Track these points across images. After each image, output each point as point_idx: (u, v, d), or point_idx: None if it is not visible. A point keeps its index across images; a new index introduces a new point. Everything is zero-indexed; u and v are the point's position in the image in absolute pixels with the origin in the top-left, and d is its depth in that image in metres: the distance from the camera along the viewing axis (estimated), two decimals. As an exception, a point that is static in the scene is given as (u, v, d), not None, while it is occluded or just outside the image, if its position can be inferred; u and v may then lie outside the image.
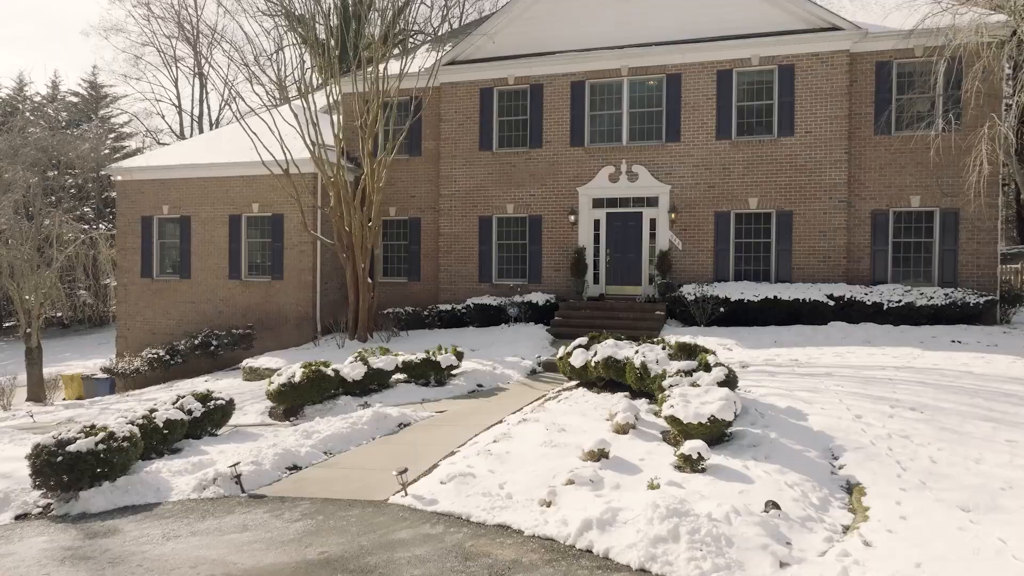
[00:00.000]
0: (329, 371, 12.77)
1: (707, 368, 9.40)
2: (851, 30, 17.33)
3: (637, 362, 10.21)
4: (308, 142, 18.08)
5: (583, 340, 12.06)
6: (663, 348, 10.65)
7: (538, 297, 19.09)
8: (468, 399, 12.48)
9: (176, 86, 51.90)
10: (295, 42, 17.40)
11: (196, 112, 50.30)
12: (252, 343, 20.24)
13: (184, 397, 10.64)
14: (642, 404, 9.65)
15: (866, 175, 17.78)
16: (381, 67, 18.50)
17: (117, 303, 22.74)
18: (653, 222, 19.18)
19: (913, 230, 17.57)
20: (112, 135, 49.07)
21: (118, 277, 22.69)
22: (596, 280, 19.64)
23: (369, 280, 18.67)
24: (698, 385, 8.84)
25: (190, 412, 10.34)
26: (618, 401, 9.86)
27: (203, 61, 47.20)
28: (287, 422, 12.39)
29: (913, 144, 17.38)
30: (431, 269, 21.32)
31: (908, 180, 17.48)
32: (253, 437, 10.52)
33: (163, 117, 55.28)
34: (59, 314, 32.79)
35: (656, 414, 9.24)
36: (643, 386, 10.13)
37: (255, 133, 18.57)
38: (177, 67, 50.21)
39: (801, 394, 10.19)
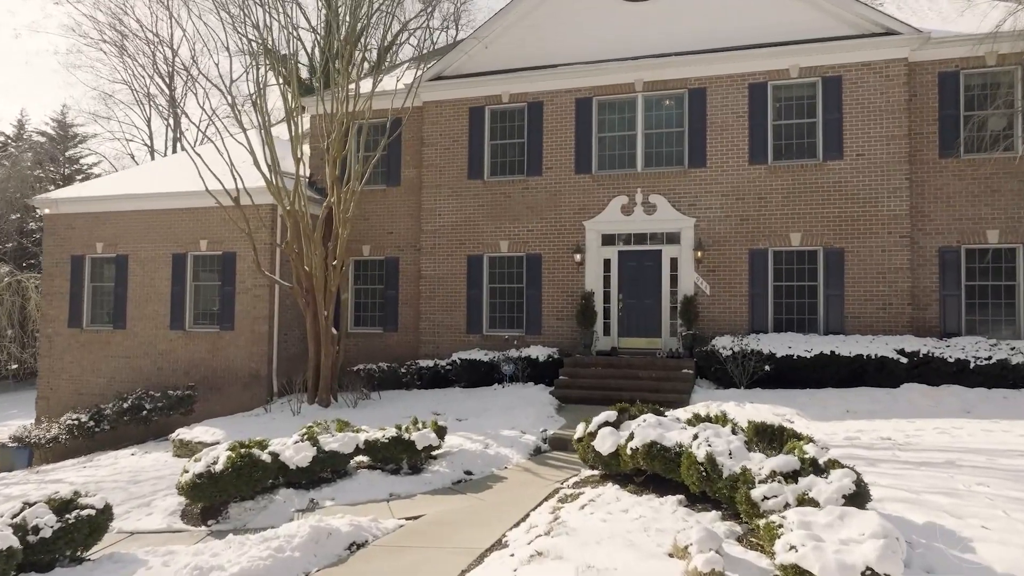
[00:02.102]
0: (264, 455, 9.42)
1: (816, 468, 6.17)
2: (910, 34, 14.61)
3: (700, 454, 6.96)
4: (263, 165, 15.00)
5: (610, 414, 8.79)
6: (733, 431, 7.41)
7: (538, 351, 15.87)
8: (452, 495, 9.14)
9: (149, 125, 49.09)
10: (256, 52, 14.36)
11: (170, 152, 47.41)
12: (193, 407, 16.79)
13: (34, 506, 7.21)
14: (717, 524, 6.38)
15: (931, 206, 14.86)
16: (352, 86, 15.58)
17: (40, 357, 19.27)
18: (674, 262, 16.12)
19: (991, 271, 14.57)
20: (80, 177, 46.01)
21: (42, 327, 19.28)
22: (607, 331, 16.46)
23: (334, 331, 15.40)
24: (815, 503, 5.61)
25: (36, 531, 6.94)
26: (679, 517, 6.59)
27: (178, 96, 44.44)
28: (204, 527, 8.99)
29: (988, 169, 14.53)
30: (411, 318, 18.09)
31: (983, 212, 14.56)
32: (136, 565, 7.12)
33: (133, 157, 52.38)
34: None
35: (742, 540, 6.00)
36: (710, 489, 6.87)
37: (199, 155, 15.51)
38: (151, 105, 47.47)
39: (937, 499, 6.96)
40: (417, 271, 18.03)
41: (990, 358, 12.92)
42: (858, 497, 5.71)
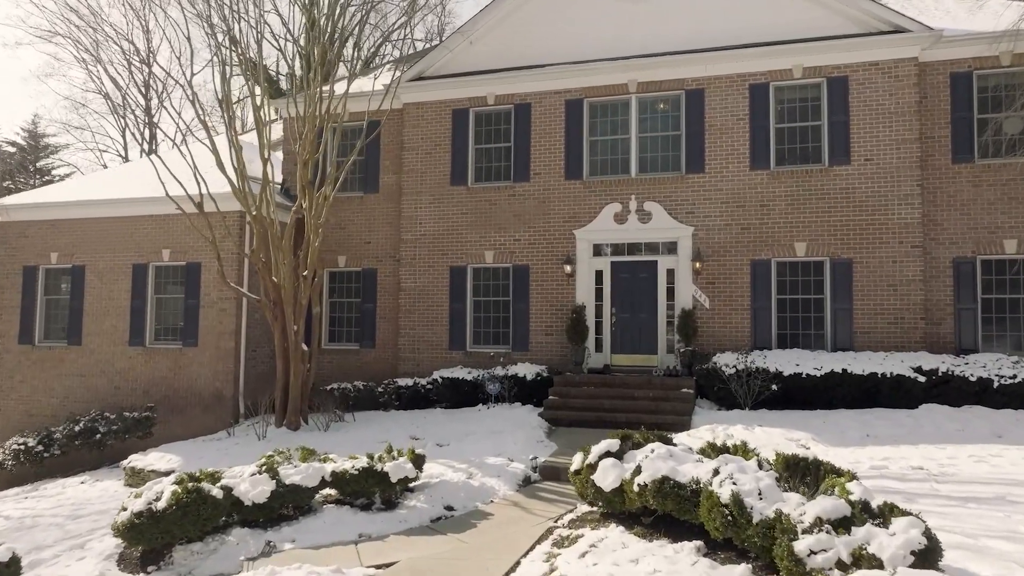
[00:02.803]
0: (216, 490, 8.22)
1: (869, 513, 5.11)
2: (921, 32, 13.76)
3: (724, 494, 5.86)
4: (228, 168, 13.83)
5: (612, 443, 7.68)
6: (759, 465, 6.33)
7: (525, 369, 14.75)
8: (431, 536, 7.97)
9: (124, 136, 47.65)
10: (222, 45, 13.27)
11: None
12: (152, 430, 15.47)
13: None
14: (750, 581, 5.29)
15: (944, 214, 13.97)
16: (326, 87, 14.50)
17: (-12, 376, 17.87)
18: (671, 274, 15.10)
19: (1009, 283, 13.67)
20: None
21: (-9, 343, 17.90)
22: (599, 347, 15.37)
23: (305, 347, 14.19)
24: (877, 561, 4.54)
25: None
26: (701, 571, 5.50)
27: (154, 108, 43.13)
28: (143, 575, 7.77)
29: (1005, 175, 13.67)
30: (389, 333, 16.92)
31: (999, 220, 13.68)
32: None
33: (106, 168, 50.76)
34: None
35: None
36: (737, 536, 5.77)
37: (160, 158, 14.33)
38: (125, 115, 46.10)
39: (1000, 546, 5.93)
40: (396, 283, 16.89)
41: (1015, 377, 11.95)
42: (929, 554, 4.65)
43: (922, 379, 12.23)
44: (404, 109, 16.99)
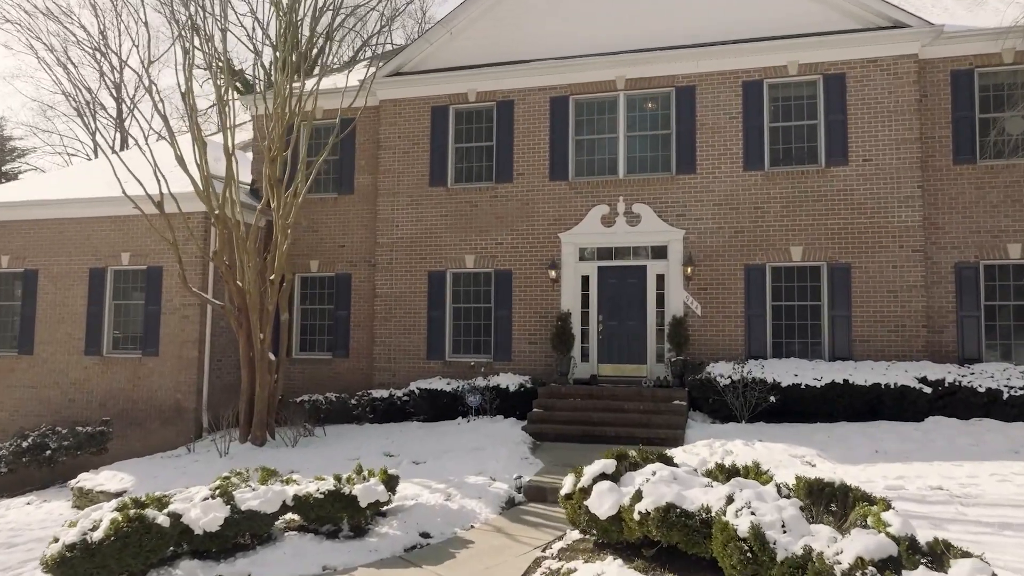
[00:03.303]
0: (162, 517, 7.28)
1: (915, 549, 4.34)
2: (921, 27, 13.20)
3: (742, 526, 5.07)
4: (194, 164, 12.91)
5: (607, 464, 6.86)
6: (779, 491, 5.56)
7: (508, 380, 13.93)
8: (404, 568, 7.10)
9: (94, 139, 46.28)
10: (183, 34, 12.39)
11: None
12: (107, 445, 14.43)
13: None
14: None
15: (945, 217, 13.38)
16: (296, 84, 13.65)
17: (-68, 388, 16.69)
18: (661, 279, 14.37)
19: (1013, 289, 13.09)
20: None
21: (-65, 352, 16.73)
22: (585, 356, 14.59)
23: (272, 356, 13.27)
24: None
25: None
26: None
27: (124, 110, 41.88)
28: (75, 617, 6.82)
29: (1009, 176, 13.12)
30: (364, 342, 16.02)
31: (1003, 223, 13.11)
32: None
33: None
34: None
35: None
36: (756, 575, 4.97)
37: (117, 154, 13.36)
38: (96, 118, 44.78)
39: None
40: (371, 289, 16.00)
41: (1025, 387, 11.33)
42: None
43: (928, 390, 11.57)
44: (381, 106, 16.16)
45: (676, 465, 6.84)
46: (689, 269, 14.00)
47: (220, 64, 12.59)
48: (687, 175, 14.32)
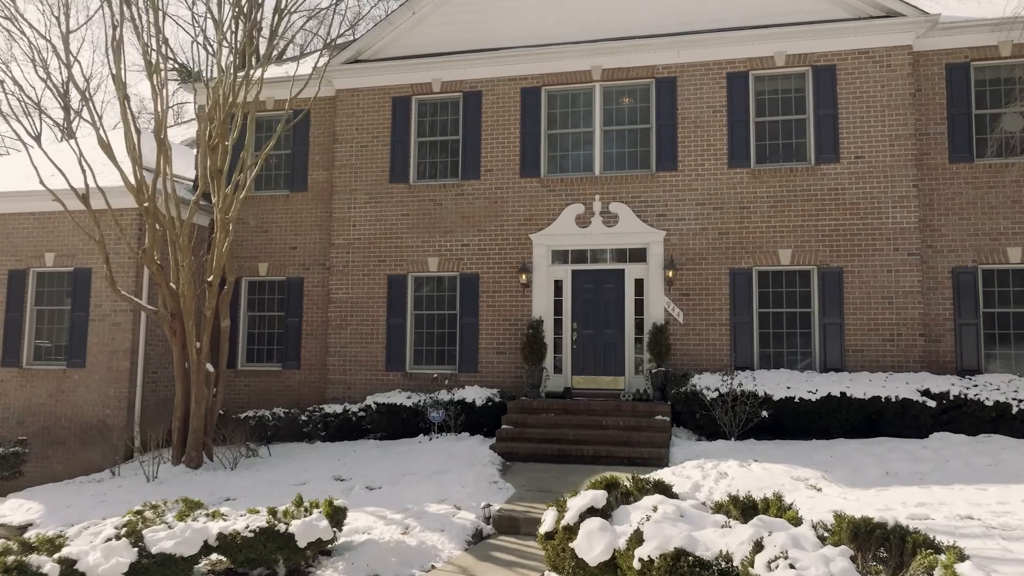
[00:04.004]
0: (50, 565, 5.97)
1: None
2: (915, 17, 12.42)
3: (779, 583, 3.94)
4: (127, 156, 11.50)
5: (596, 496, 5.68)
6: (815, 532, 4.45)
7: (475, 394, 12.72)
8: (349, 625, 5.84)
9: (39, 141, 43.97)
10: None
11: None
12: (21, 467, 12.80)
13: None
14: None
15: (941, 219, 12.56)
16: (243, 73, 12.35)
17: None
18: (640, 284, 13.32)
19: (1012, 296, 12.30)
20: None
21: None
22: (559, 368, 13.46)
23: (210, 368, 11.88)
24: None
25: None
26: None
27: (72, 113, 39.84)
28: None
29: (1007, 176, 12.36)
30: (317, 352, 14.67)
31: (1002, 225, 12.33)
32: None
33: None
34: None
35: None
36: (799, 648, 3.84)
37: (37, 143, 11.89)
38: (42, 118, 42.58)
39: None
40: (326, 294, 14.67)
41: (1035, 400, 10.48)
42: None
43: (932, 404, 10.65)
44: (337, 96, 14.91)
45: (676, 495, 5.73)
46: (670, 273, 12.97)
47: (153, 34, 11.21)
48: (668, 172, 13.31)
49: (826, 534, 4.57)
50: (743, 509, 5.24)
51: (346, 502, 7.45)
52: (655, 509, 5.17)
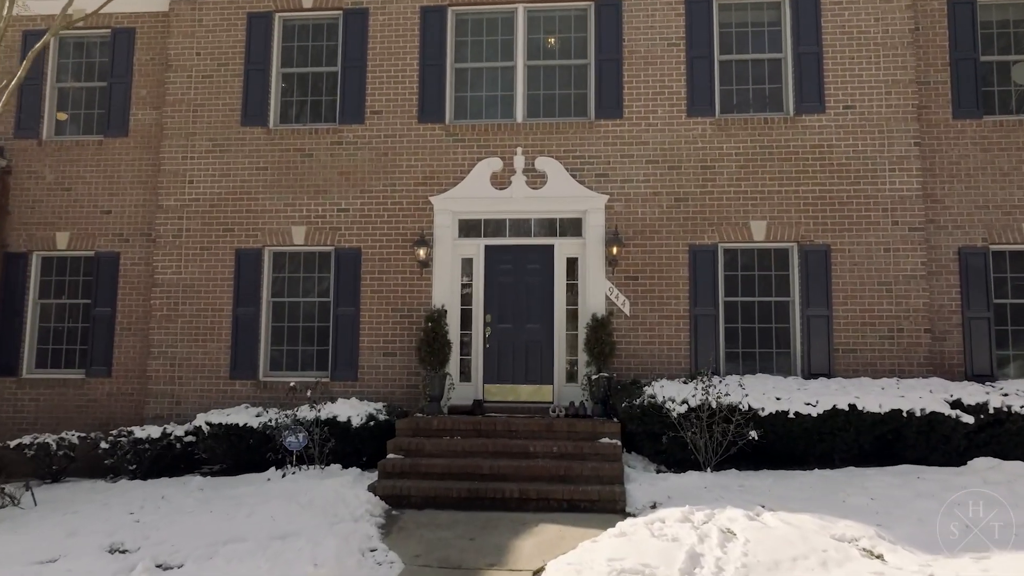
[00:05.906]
0: None
1: None
2: (918, -66, 9.98)
3: None
4: None
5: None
6: None
7: (351, 409, 9.19)
8: None
9: None
10: None
11: None
12: None
13: None
14: None
15: (944, 187, 10.11)
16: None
17: None
18: (574, 264, 10.21)
19: (1029, 283, 9.99)
20: None
21: None
22: (466, 374, 10.14)
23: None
24: None
25: None
26: None
27: None
28: None
29: (1022, 136, 10.06)
30: (135, 353, 10.72)
31: (1017, 196, 10.00)
32: None
33: None
34: None
35: None
36: None
37: None
38: None
39: None
40: (149, 275, 10.77)
41: (1095, 414, 8.01)
42: None
43: (968, 419, 8.00)
44: (172, 10, 11.09)
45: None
46: (614, 250, 9.89)
47: None
48: (611, 121, 10.29)
49: None
50: None
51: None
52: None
